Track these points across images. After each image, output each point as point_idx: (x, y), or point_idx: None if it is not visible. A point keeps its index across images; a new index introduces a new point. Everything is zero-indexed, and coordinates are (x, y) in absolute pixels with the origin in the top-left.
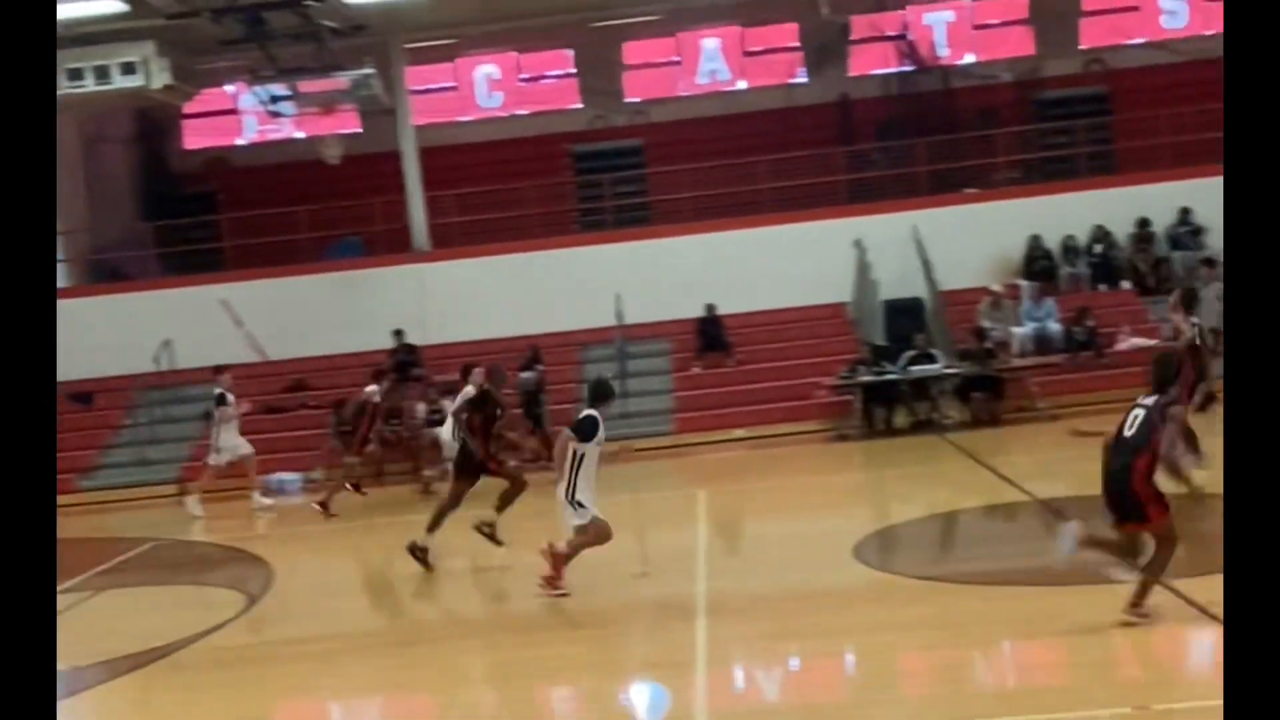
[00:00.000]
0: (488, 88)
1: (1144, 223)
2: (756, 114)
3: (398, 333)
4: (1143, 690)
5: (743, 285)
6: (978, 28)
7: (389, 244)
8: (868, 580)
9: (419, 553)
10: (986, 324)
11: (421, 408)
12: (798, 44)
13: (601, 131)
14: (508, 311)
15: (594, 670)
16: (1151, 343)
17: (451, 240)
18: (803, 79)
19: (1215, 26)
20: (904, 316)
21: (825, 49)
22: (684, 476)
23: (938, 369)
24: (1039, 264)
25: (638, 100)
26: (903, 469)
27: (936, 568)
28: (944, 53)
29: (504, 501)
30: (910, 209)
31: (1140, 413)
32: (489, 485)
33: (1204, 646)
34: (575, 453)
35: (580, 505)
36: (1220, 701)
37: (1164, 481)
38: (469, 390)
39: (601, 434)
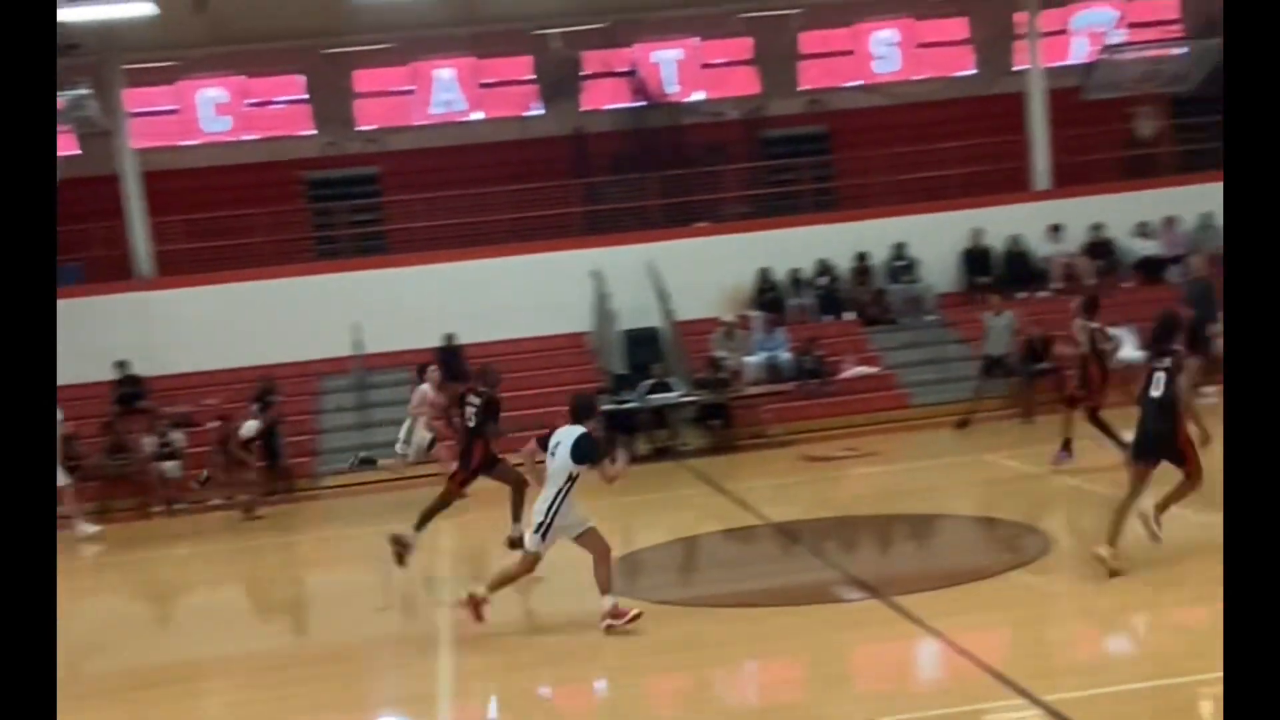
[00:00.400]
0: (214, 111)
1: (862, 256)
2: (492, 145)
3: (120, 364)
4: (880, 701)
5: (483, 315)
6: (705, 66)
7: (109, 271)
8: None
9: (399, 546)
10: (720, 353)
11: (149, 440)
12: (532, 77)
13: (335, 159)
14: (240, 341)
15: (333, 710)
16: (874, 370)
17: (180, 267)
18: (538, 111)
19: (925, 71)
20: (642, 346)
21: (559, 83)
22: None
23: (675, 397)
24: (768, 295)
25: (372, 128)
26: (644, 495)
27: (679, 591)
28: (673, 89)
29: (517, 509)
30: (645, 241)
31: (1162, 375)
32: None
33: (930, 657)
34: (571, 474)
35: (545, 533)
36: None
37: None
38: (425, 389)
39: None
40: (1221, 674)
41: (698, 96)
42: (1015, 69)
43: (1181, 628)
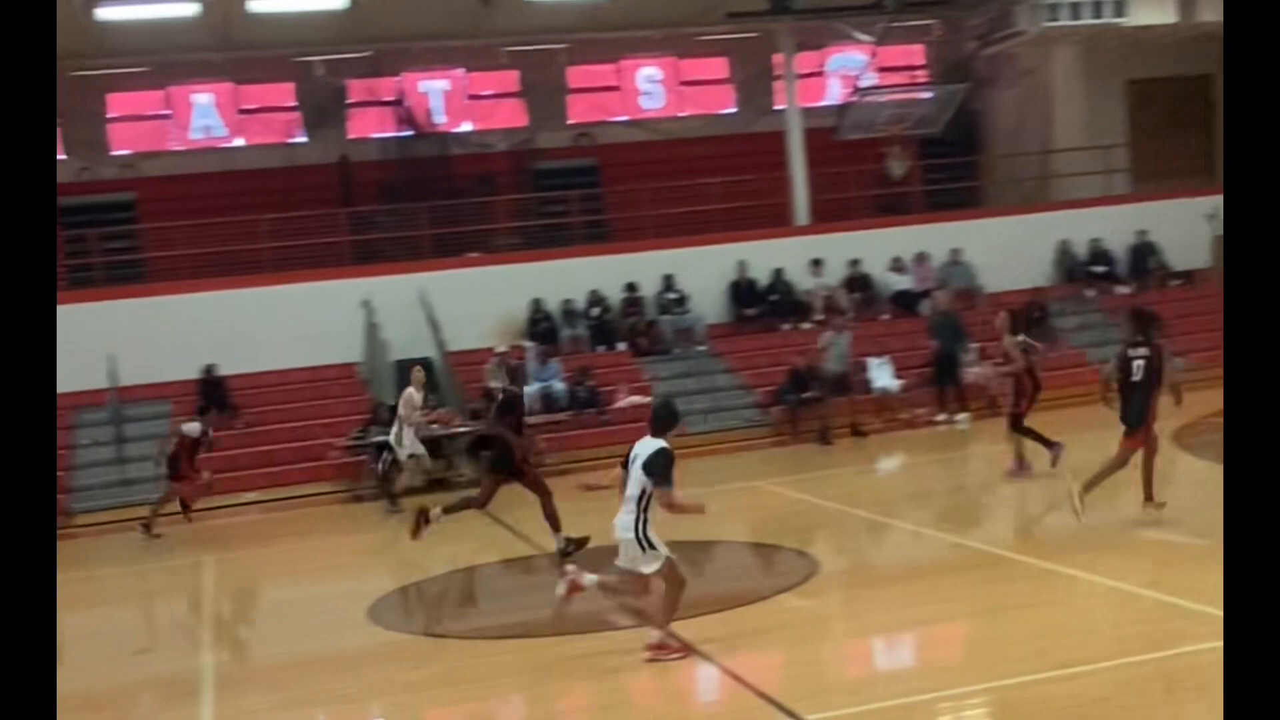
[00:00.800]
0: None
1: (632, 288)
2: (256, 172)
3: None
4: None
5: (248, 345)
6: (472, 98)
7: None
8: (383, 642)
9: (423, 519)
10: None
11: None
12: (295, 104)
13: (88, 185)
14: None
15: None
16: (647, 400)
17: None
18: (302, 139)
19: (689, 108)
20: None
21: (323, 110)
22: (190, 544)
23: (450, 428)
24: (541, 326)
25: (126, 153)
26: None
27: (454, 624)
28: (441, 120)
29: (552, 518)
30: (416, 271)
31: (1141, 362)
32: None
33: (701, 682)
34: (644, 490)
35: (652, 546)
36: None
37: None
38: (411, 392)
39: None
40: (998, 682)
41: (466, 128)
42: (775, 108)
43: (950, 641)
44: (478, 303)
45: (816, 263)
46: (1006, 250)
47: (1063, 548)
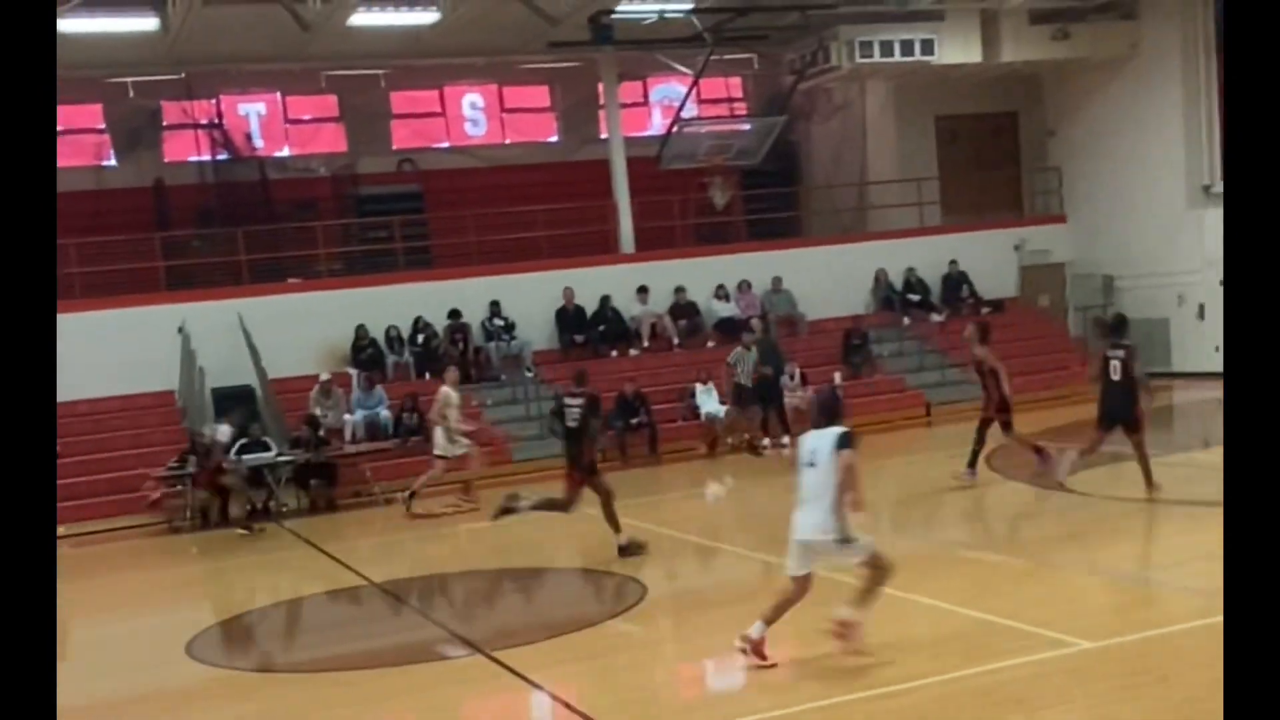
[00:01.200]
0: None
1: (456, 314)
2: (64, 195)
3: None
4: None
5: (59, 373)
6: (290, 122)
7: None
8: (202, 677)
9: (510, 504)
10: (318, 411)
11: None
12: (104, 126)
13: None
14: None
15: None
16: (474, 427)
17: None
18: (113, 162)
19: (513, 136)
20: (235, 404)
21: (136, 133)
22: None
23: (271, 457)
24: (366, 353)
25: None
26: (241, 559)
27: (276, 658)
28: (259, 144)
29: (611, 519)
30: (235, 296)
31: (1117, 363)
32: None
33: (530, 710)
34: (838, 483)
35: (855, 537)
36: None
37: None
38: (447, 391)
39: None
40: (824, 701)
41: (284, 152)
42: (599, 137)
43: (782, 660)
44: (299, 329)
45: (642, 290)
46: (826, 279)
47: None
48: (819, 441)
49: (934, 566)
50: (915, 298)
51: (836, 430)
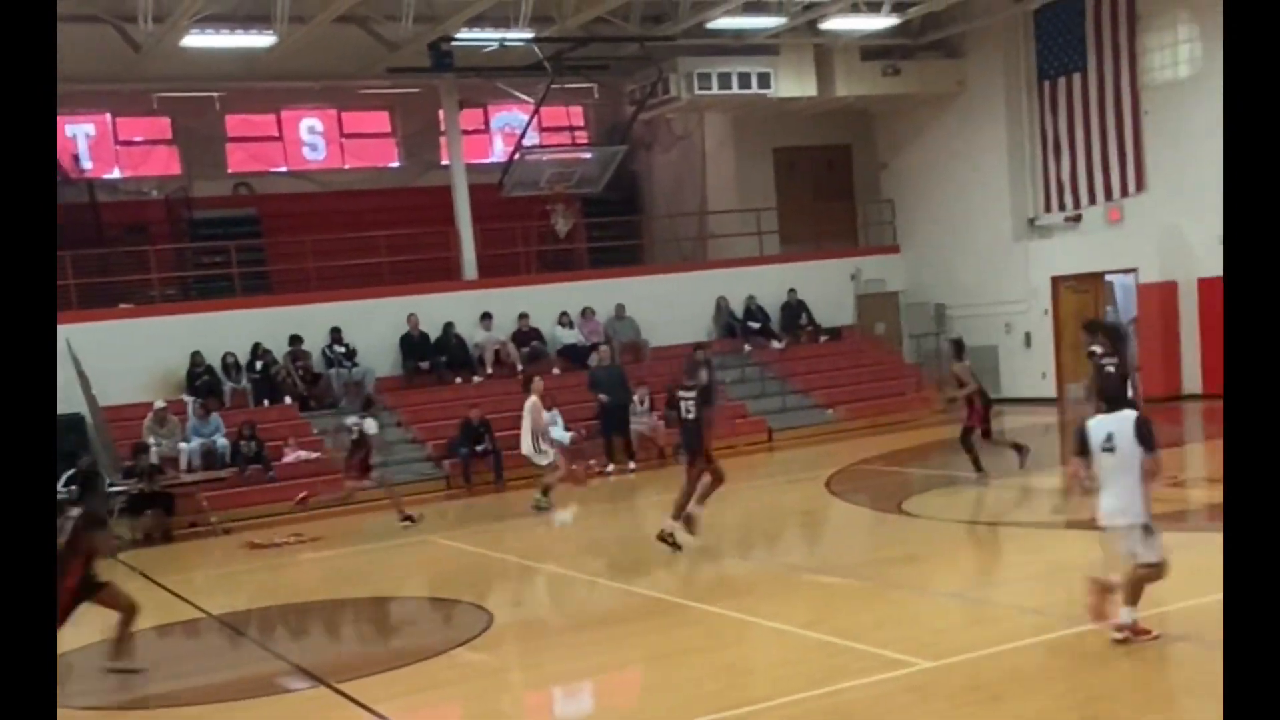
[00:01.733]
0: None
1: (297, 340)
2: None
3: None
4: None
5: None
6: (121, 144)
7: None
8: None
9: (688, 523)
10: (152, 440)
11: None
12: None
13: None
14: None
15: None
16: (315, 455)
17: None
18: None
19: (352, 161)
20: (64, 433)
21: None
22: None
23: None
24: (202, 380)
25: None
26: None
27: (109, 696)
28: (88, 166)
29: (705, 496)
30: (63, 322)
31: (1112, 369)
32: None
33: None
34: (1140, 468)
35: (1157, 531)
36: None
37: None
38: (535, 401)
39: None
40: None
41: (115, 174)
42: (441, 164)
43: (624, 688)
44: (131, 356)
45: (486, 316)
46: (668, 306)
47: (729, 592)
48: (1112, 426)
49: (776, 589)
50: (756, 325)
51: (1133, 415)
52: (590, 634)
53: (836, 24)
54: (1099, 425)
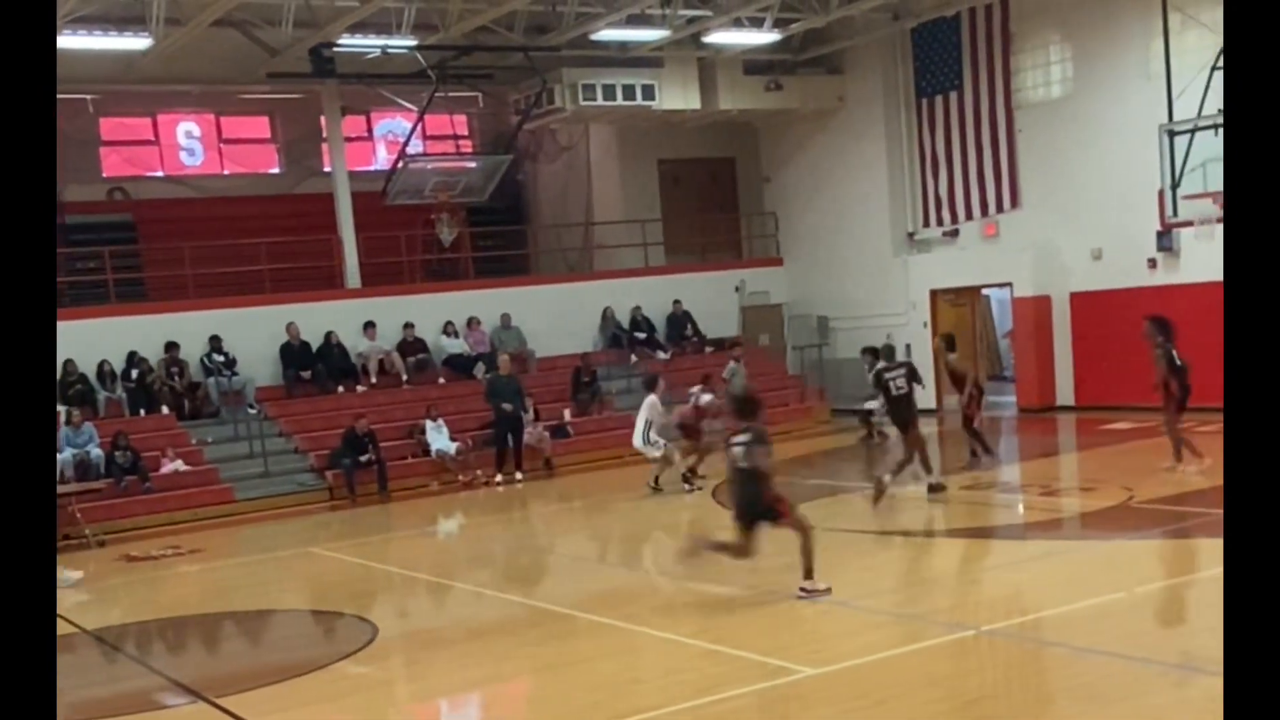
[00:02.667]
0: None
1: (173, 348)
2: None
3: None
4: None
5: None
6: None
7: None
8: None
9: (937, 488)
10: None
11: None
12: None
13: None
14: None
15: None
16: (188, 467)
17: None
18: None
19: (231, 167)
20: None
21: None
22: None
23: None
24: (76, 389)
25: None
26: None
27: None
28: None
29: (926, 462)
30: None
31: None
32: None
33: None
34: None
35: None
36: None
37: None
38: (654, 399)
39: None
40: None
41: None
42: (323, 170)
43: (511, 699)
44: None
45: (369, 325)
46: (555, 316)
47: (616, 602)
48: None
49: (663, 599)
50: (642, 336)
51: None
52: (477, 645)
53: (719, 38)
54: None
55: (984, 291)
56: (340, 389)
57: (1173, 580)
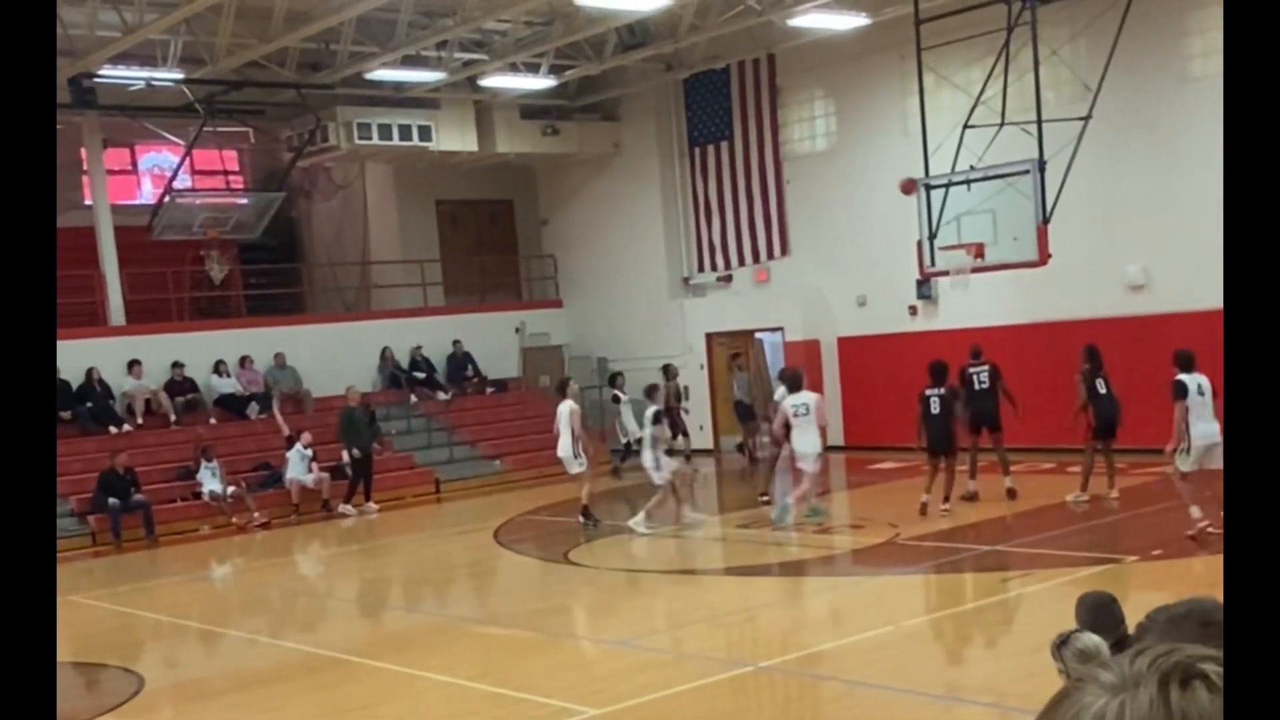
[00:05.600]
0: None
1: None
2: None
3: None
4: None
5: None
6: None
7: None
8: None
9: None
10: None
11: None
12: None
13: None
14: None
15: None
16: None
17: None
18: None
19: None
20: None
21: None
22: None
23: None
24: None
25: None
26: None
27: None
28: None
29: (1004, 462)
30: None
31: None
32: None
33: None
34: None
35: None
36: None
37: None
38: (573, 405)
39: None
40: None
41: None
42: (85, 203)
43: None
44: None
45: (134, 364)
46: (332, 356)
47: (395, 646)
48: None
49: (444, 641)
50: (421, 375)
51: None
52: (250, 694)
53: (495, 81)
54: None
55: (757, 335)
56: (110, 429)
57: (937, 614)
